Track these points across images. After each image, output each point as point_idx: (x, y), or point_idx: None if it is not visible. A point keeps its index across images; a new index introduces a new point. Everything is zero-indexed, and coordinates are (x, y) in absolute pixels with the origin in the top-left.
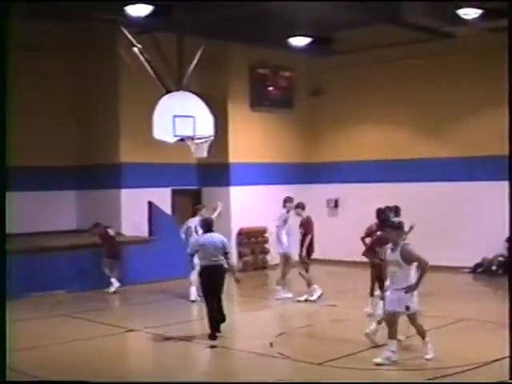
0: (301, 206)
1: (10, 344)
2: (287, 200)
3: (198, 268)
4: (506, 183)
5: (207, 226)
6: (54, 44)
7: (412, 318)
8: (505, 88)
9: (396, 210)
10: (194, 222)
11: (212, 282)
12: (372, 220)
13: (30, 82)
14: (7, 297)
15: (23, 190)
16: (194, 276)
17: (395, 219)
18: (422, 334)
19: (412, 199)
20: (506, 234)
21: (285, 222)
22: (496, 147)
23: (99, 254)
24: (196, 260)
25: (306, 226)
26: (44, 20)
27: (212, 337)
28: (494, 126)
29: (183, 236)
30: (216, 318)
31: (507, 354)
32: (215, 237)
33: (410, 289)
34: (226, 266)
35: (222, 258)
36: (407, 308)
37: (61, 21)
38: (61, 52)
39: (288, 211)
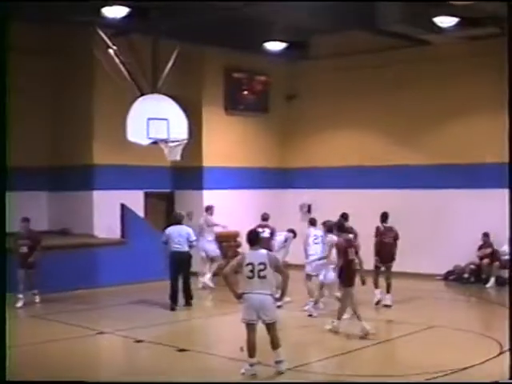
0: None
1: None
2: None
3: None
4: (477, 191)
5: (175, 219)
6: (28, 45)
7: None
8: (490, 94)
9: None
10: (202, 218)
11: (178, 264)
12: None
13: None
14: None
15: None
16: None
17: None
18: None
19: (384, 206)
20: (479, 242)
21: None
22: (468, 155)
23: (70, 254)
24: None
25: None
26: (18, 21)
27: (172, 309)
28: (467, 134)
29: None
30: (176, 294)
31: (478, 361)
32: (181, 228)
33: None
34: (190, 252)
35: (187, 245)
36: None
37: (36, 22)
38: (35, 53)
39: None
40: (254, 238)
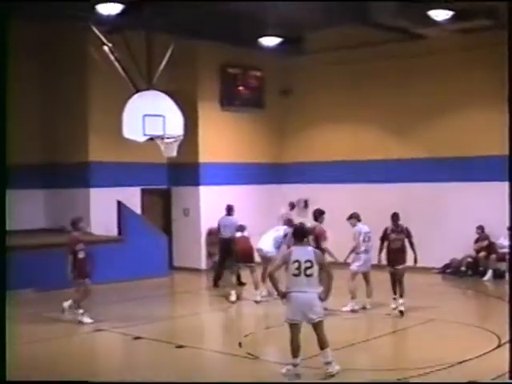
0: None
1: None
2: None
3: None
4: (473, 184)
5: (227, 211)
6: (23, 42)
7: None
8: (484, 87)
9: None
10: (285, 211)
11: (226, 248)
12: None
13: None
14: None
15: None
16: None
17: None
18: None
19: (381, 200)
20: (475, 235)
21: None
22: (463, 148)
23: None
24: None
25: None
26: (11, 18)
27: (215, 286)
28: (462, 127)
29: None
30: (219, 275)
31: (477, 354)
32: (229, 218)
33: None
34: (234, 238)
35: (232, 233)
36: None
37: (29, 19)
38: (28, 50)
39: None
40: (301, 234)
